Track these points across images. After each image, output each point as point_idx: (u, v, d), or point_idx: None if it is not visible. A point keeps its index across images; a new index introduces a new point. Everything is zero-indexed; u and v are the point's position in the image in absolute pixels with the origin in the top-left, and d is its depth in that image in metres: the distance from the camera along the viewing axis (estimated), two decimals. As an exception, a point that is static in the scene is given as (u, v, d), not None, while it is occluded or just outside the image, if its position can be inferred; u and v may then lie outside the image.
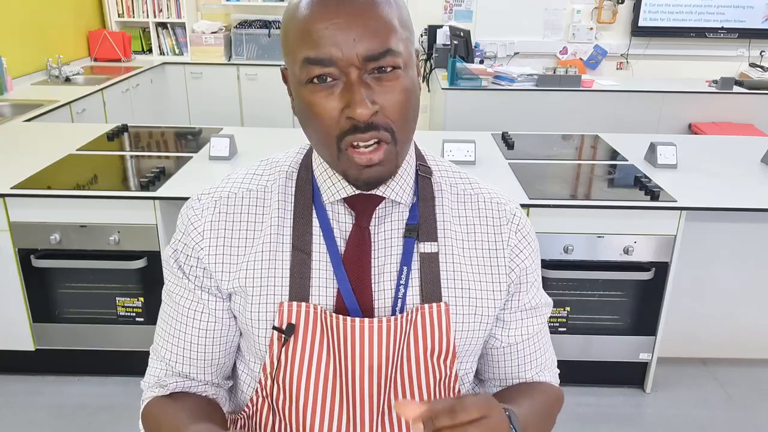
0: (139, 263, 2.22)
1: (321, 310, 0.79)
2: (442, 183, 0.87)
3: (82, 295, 2.31)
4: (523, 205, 2.09)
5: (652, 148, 2.54)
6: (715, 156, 2.68)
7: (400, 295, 0.81)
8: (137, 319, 2.33)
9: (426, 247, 0.82)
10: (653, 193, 2.16)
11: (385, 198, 0.81)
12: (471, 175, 0.91)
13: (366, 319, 0.79)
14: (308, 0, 0.69)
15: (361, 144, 0.71)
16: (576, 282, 2.27)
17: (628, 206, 2.13)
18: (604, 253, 2.20)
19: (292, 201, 0.83)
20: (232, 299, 0.83)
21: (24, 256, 2.23)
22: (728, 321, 2.48)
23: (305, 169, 0.85)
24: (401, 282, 0.81)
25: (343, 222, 0.82)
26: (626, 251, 2.19)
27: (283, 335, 0.79)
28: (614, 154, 2.70)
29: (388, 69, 0.70)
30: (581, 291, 2.28)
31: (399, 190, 0.81)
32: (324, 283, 0.81)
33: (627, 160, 2.59)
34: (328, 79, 0.69)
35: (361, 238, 0.81)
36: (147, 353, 0.90)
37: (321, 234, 0.82)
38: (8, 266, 2.24)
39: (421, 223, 0.82)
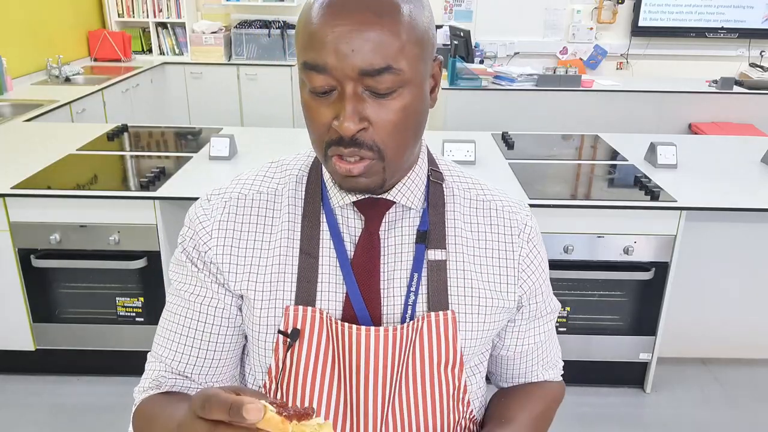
0: (139, 263, 2.22)
1: (327, 316, 0.78)
2: (454, 188, 0.86)
3: (82, 295, 2.31)
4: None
5: (652, 148, 2.54)
6: (715, 156, 2.67)
7: (410, 302, 0.80)
8: (137, 319, 2.33)
9: (434, 254, 0.81)
10: (653, 193, 2.16)
11: (395, 203, 0.80)
12: (483, 180, 0.89)
13: (371, 327, 0.77)
14: (319, 4, 0.68)
15: (344, 155, 0.70)
16: (576, 282, 2.27)
17: (628, 206, 2.13)
18: (604, 253, 2.20)
19: (302, 205, 0.82)
20: (243, 300, 0.83)
21: (24, 256, 2.23)
22: (728, 321, 2.48)
23: (315, 171, 0.84)
24: (411, 289, 0.80)
25: (352, 226, 0.81)
26: (626, 251, 2.19)
27: (289, 339, 0.78)
28: (614, 154, 2.70)
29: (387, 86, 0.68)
30: (581, 291, 2.28)
31: (410, 194, 0.80)
32: (333, 288, 0.80)
33: (627, 160, 2.59)
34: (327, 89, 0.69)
35: (370, 243, 0.80)
36: (147, 353, 0.88)
37: (330, 237, 0.80)
38: (8, 266, 2.24)
39: (430, 230, 0.81)
